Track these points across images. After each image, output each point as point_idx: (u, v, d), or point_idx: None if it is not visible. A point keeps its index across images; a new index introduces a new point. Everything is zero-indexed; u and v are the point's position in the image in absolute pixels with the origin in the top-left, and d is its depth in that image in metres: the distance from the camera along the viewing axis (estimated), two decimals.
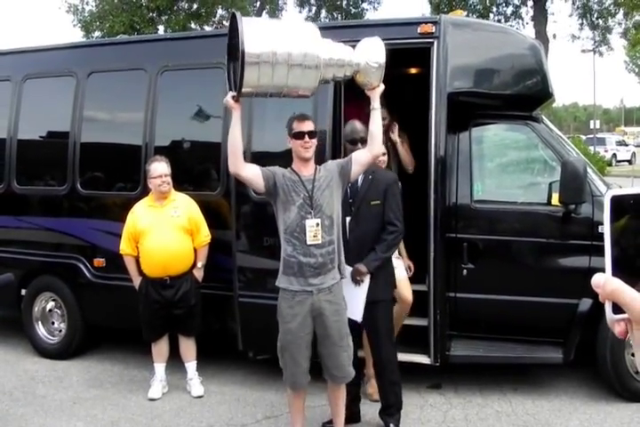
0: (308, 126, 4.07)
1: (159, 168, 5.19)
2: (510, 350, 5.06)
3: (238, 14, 3.66)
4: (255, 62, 3.53)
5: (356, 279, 4.38)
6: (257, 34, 3.58)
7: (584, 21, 23.21)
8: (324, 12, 26.10)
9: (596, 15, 22.86)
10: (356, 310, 4.31)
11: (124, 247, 5.31)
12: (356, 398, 4.68)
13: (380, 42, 4.00)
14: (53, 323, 6.34)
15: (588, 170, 4.95)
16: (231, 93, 3.82)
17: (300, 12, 26.26)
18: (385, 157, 4.91)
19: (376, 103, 4.06)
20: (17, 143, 6.46)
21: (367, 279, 4.39)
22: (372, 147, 4.09)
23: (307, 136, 4.03)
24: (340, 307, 4.04)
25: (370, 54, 3.94)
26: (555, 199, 4.90)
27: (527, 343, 5.11)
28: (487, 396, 5.15)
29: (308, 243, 3.92)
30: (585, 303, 4.90)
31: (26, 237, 6.35)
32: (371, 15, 25.79)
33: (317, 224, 3.94)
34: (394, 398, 4.58)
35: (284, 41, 3.65)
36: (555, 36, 23.18)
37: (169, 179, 5.22)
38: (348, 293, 4.24)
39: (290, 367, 4.06)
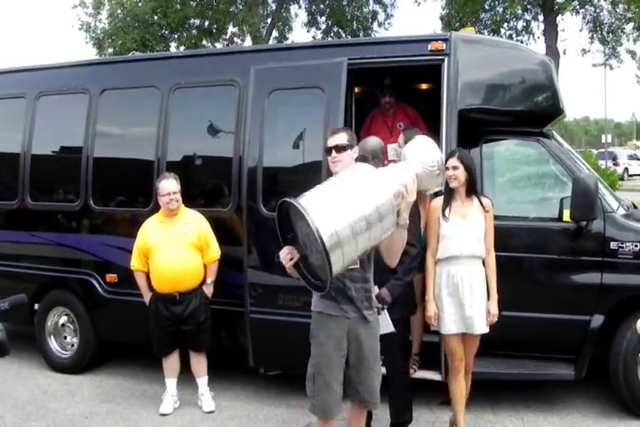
0: (336, 140, 3.85)
1: (167, 186, 5.23)
2: (522, 367, 5.03)
3: (294, 201, 3.01)
4: (337, 245, 2.93)
5: (380, 308, 4.20)
6: (325, 213, 2.96)
7: (594, 35, 23.23)
8: (331, 32, 26.11)
9: (606, 29, 22.86)
10: (383, 325, 4.20)
11: (135, 263, 5.35)
12: (368, 416, 4.66)
13: (428, 140, 3.69)
14: (66, 337, 6.38)
15: (600, 186, 4.96)
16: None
17: (309, 31, 26.36)
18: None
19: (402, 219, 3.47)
20: (31, 159, 6.54)
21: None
22: (389, 261, 3.72)
23: (333, 151, 3.82)
24: (375, 331, 3.85)
25: (423, 158, 3.52)
26: (566, 215, 4.89)
27: (539, 360, 5.08)
28: (499, 413, 5.12)
29: None
30: (597, 320, 4.89)
31: (39, 253, 6.40)
32: (381, 33, 25.83)
33: None
34: (405, 416, 4.58)
35: (353, 205, 3.05)
36: (565, 52, 23.23)
37: (177, 196, 5.25)
38: None
39: (323, 394, 3.73)
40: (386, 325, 4.25)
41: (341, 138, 3.85)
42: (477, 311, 4.36)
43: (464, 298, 4.36)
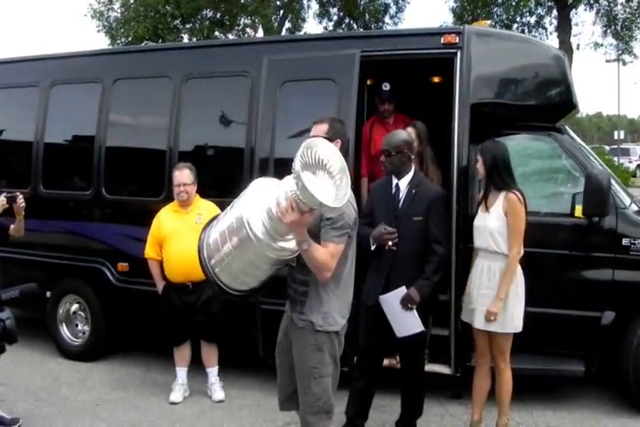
0: (314, 131, 3.58)
1: (178, 177, 5.26)
2: (532, 362, 5.01)
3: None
4: (204, 250, 3.47)
5: (408, 306, 4.20)
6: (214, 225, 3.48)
7: (608, 30, 23.03)
8: (343, 24, 25.92)
9: (620, 24, 22.66)
10: (413, 325, 4.27)
11: (149, 251, 5.38)
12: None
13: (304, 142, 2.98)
14: (77, 325, 6.42)
15: (612, 182, 4.93)
16: None
17: (321, 22, 26.22)
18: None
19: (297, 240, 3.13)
20: (44, 148, 6.58)
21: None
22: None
23: None
24: (303, 339, 3.45)
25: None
26: (578, 211, 4.88)
27: (549, 356, 5.09)
28: None
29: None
30: (608, 316, 4.88)
31: (51, 241, 6.45)
32: (392, 26, 25.61)
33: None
34: (416, 409, 4.61)
35: (222, 220, 3.40)
36: (578, 47, 23.00)
37: (188, 188, 5.25)
38: (396, 313, 4.23)
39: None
40: (415, 324, 4.26)
41: (320, 129, 3.56)
42: (480, 306, 4.32)
43: (472, 290, 4.41)
